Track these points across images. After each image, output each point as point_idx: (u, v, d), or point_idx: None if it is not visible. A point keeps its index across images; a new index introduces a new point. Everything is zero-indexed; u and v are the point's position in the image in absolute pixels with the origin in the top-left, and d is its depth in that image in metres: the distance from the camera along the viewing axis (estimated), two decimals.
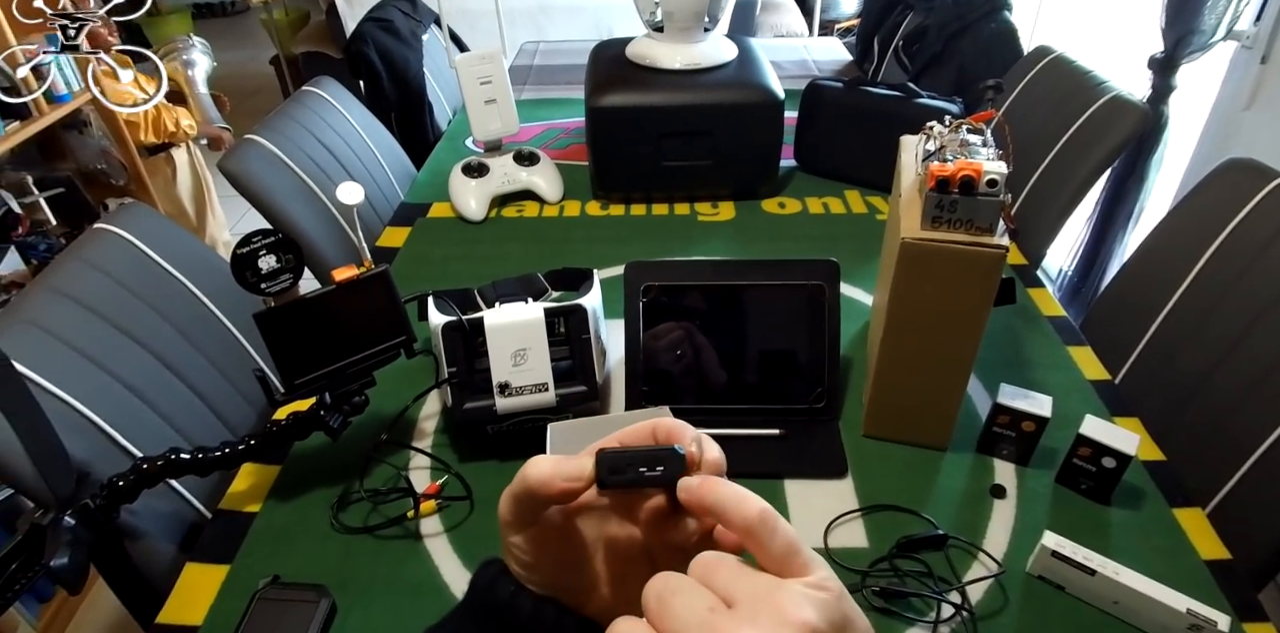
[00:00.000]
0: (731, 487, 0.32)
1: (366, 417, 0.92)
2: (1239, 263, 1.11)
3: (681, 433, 0.36)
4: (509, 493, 0.37)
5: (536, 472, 0.35)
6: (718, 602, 0.29)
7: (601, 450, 0.35)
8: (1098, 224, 2.16)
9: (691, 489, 0.33)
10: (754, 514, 0.30)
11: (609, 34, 3.45)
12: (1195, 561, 0.83)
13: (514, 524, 0.37)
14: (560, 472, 0.35)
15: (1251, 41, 1.86)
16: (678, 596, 0.29)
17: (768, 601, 0.28)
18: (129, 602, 0.91)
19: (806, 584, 0.29)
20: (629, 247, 1.39)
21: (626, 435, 0.37)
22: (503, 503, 0.37)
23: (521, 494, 0.36)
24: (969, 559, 0.83)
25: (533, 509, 0.37)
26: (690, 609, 0.28)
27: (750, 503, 0.31)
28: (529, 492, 0.35)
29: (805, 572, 0.29)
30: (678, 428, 0.36)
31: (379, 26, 2.24)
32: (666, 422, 0.37)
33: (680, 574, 0.30)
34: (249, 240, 0.80)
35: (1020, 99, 1.69)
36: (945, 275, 0.82)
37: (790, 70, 2.23)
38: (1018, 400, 0.91)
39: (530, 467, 0.36)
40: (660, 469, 0.34)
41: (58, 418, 0.84)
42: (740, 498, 0.31)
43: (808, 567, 0.30)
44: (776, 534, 0.30)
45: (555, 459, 0.35)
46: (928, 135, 0.91)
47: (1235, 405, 1.03)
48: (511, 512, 0.37)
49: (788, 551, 0.30)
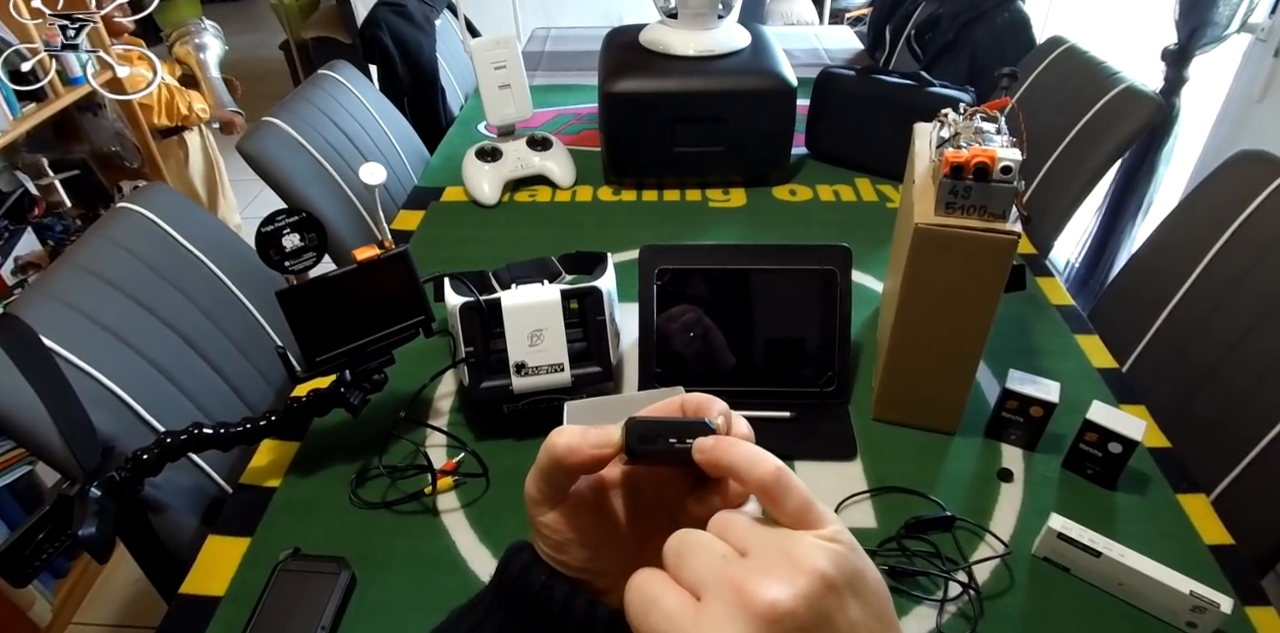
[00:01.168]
0: (746, 447, 0.32)
1: (385, 395, 0.94)
2: (1249, 255, 1.12)
3: (710, 406, 0.36)
4: (535, 470, 0.36)
5: (565, 439, 0.35)
6: (732, 552, 0.30)
7: (631, 418, 0.35)
8: (1107, 215, 2.16)
9: (706, 450, 0.33)
10: (769, 473, 0.31)
11: (619, 20, 3.43)
12: (1199, 545, 0.84)
13: (544, 502, 0.37)
14: (588, 439, 0.35)
15: (1266, 34, 1.86)
16: (694, 548, 0.30)
17: (781, 549, 0.29)
18: (152, 573, 0.93)
19: (819, 535, 0.30)
20: (641, 232, 1.40)
21: (656, 411, 0.37)
22: (529, 482, 0.37)
23: (549, 466, 0.36)
24: (976, 541, 0.84)
25: (561, 482, 0.36)
26: (704, 561, 0.30)
27: (765, 462, 0.31)
28: (556, 461, 0.35)
29: (820, 525, 0.30)
30: (706, 401, 0.36)
31: (392, 11, 2.24)
32: (695, 396, 0.37)
33: (699, 530, 0.31)
34: (273, 219, 0.81)
35: (1032, 89, 1.69)
36: (958, 261, 0.83)
37: (802, 59, 2.23)
38: (1026, 386, 0.92)
39: (556, 435, 0.35)
40: (690, 442, 0.34)
41: (84, 392, 0.86)
42: (754, 458, 0.32)
43: (821, 520, 0.31)
44: (790, 492, 0.31)
45: (580, 428, 0.35)
46: (942, 122, 0.92)
47: (1242, 396, 1.04)
48: (539, 488, 0.37)
49: (802, 506, 0.31)
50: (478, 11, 3.00)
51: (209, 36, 2.73)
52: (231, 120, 2.68)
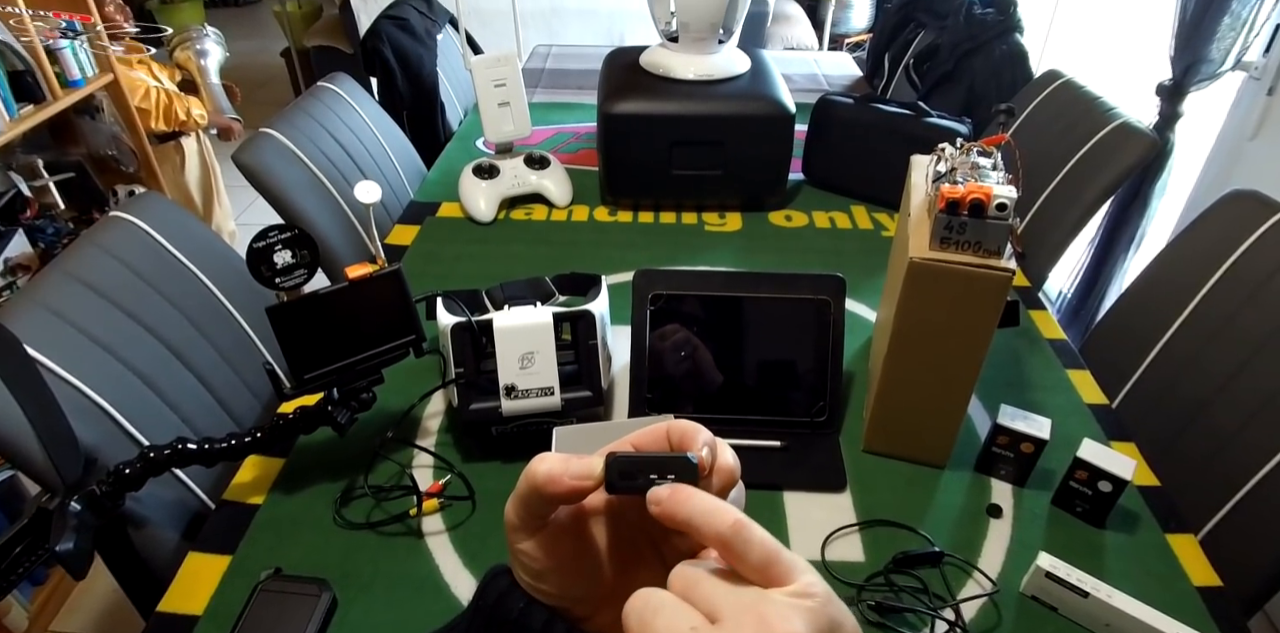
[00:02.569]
0: (701, 499, 0.31)
1: (372, 414, 0.93)
2: (1240, 294, 1.13)
3: (695, 437, 0.34)
4: (515, 496, 0.35)
5: (545, 468, 0.33)
6: (700, 619, 0.28)
7: (612, 454, 0.34)
8: (1099, 248, 2.17)
9: (661, 502, 0.31)
10: (726, 527, 0.29)
11: (620, 39, 3.47)
12: (1187, 586, 0.84)
13: (522, 529, 0.36)
14: (569, 469, 0.33)
15: (1260, 73, 1.88)
16: (659, 615, 0.28)
17: (751, 614, 0.27)
18: (130, 589, 0.91)
19: (789, 593, 0.28)
20: (636, 253, 1.40)
21: (641, 438, 0.36)
22: (509, 508, 0.36)
23: (528, 493, 0.34)
24: (964, 577, 0.84)
25: (540, 510, 0.35)
26: (672, 630, 0.28)
27: (721, 516, 0.29)
28: (535, 489, 0.34)
29: (787, 579, 0.29)
30: (691, 431, 0.35)
31: (395, 24, 2.25)
32: (680, 424, 0.35)
33: (661, 591, 0.30)
34: (265, 235, 0.81)
35: (1029, 121, 1.71)
36: (951, 296, 0.83)
37: (801, 83, 2.24)
38: (1018, 422, 0.92)
39: (537, 463, 0.34)
40: (670, 478, 0.33)
41: (67, 403, 0.85)
42: (710, 511, 0.30)
43: (789, 574, 0.29)
44: (751, 545, 0.29)
45: (562, 456, 0.34)
46: (939, 156, 0.93)
47: (1231, 435, 1.04)
48: (518, 515, 0.35)
49: (766, 560, 0.29)
50: (480, 26, 3.02)
51: (210, 43, 2.73)
52: (229, 127, 2.68)
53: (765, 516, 0.91)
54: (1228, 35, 1.81)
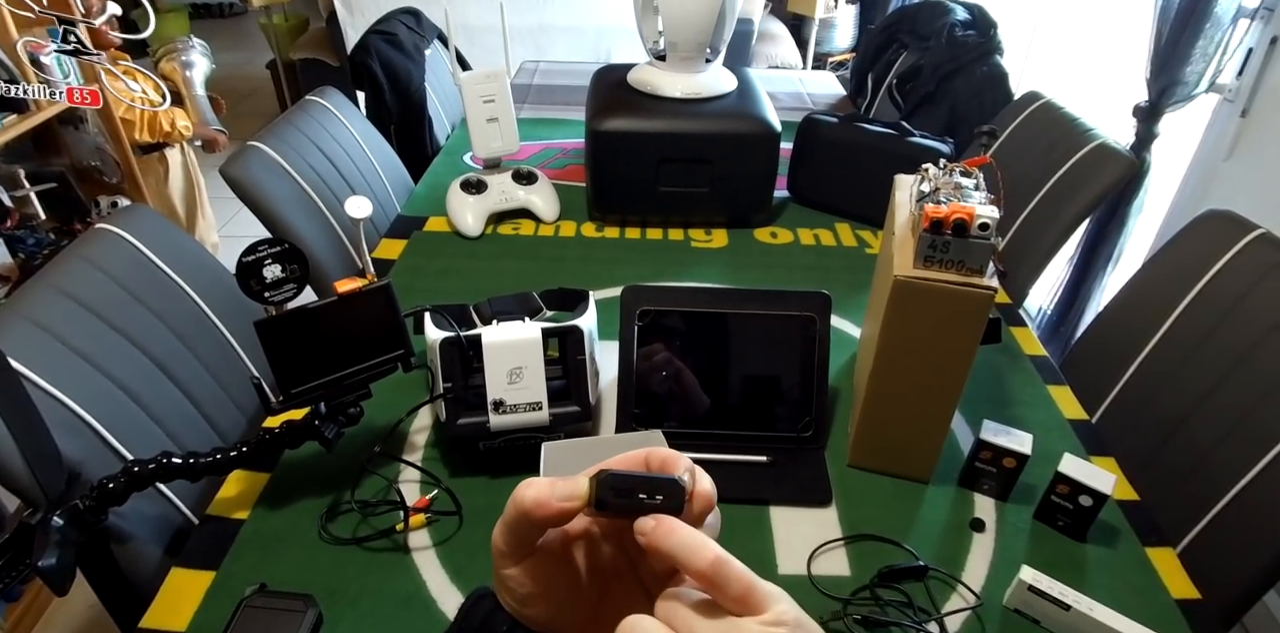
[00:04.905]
0: (685, 533, 0.32)
1: (359, 428, 0.93)
2: (1215, 312, 1.15)
3: (676, 463, 0.36)
4: (502, 522, 0.36)
5: (533, 493, 0.34)
6: None
7: (603, 471, 0.35)
8: (1078, 265, 2.21)
9: (647, 532, 0.33)
10: (706, 564, 0.31)
11: (608, 56, 3.49)
12: (1166, 599, 0.85)
13: (510, 555, 0.36)
14: (556, 492, 0.34)
15: (1233, 95, 1.93)
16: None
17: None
18: (111, 605, 0.90)
19: (763, 622, 0.30)
20: (623, 269, 1.41)
21: (620, 463, 0.37)
22: (496, 534, 0.36)
23: (516, 519, 0.35)
24: (948, 591, 0.85)
25: (528, 536, 0.36)
26: None
27: (702, 552, 0.31)
28: (524, 514, 0.34)
29: (762, 608, 0.31)
30: (673, 458, 0.36)
31: (383, 39, 2.26)
32: (661, 451, 0.37)
33: (648, 618, 0.31)
34: (255, 249, 0.81)
35: (1009, 142, 1.74)
36: (935, 314, 0.85)
37: (785, 102, 2.27)
38: (1000, 437, 0.93)
39: (524, 488, 0.34)
40: (659, 498, 0.34)
41: (51, 416, 0.84)
42: (693, 547, 0.32)
43: (764, 603, 0.31)
44: (730, 580, 0.31)
45: (549, 480, 0.35)
46: (922, 176, 0.94)
47: (1208, 450, 1.06)
48: (506, 541, 0.36)
49: (743, 592, 0.31)
50: (468, 42, 3.02)
51: (196, 54, 2.73)
52: (214, 138, 2.67)
53: (752, 530, 0.91)
54: (1202, 58, 1.86)
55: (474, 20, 3.06)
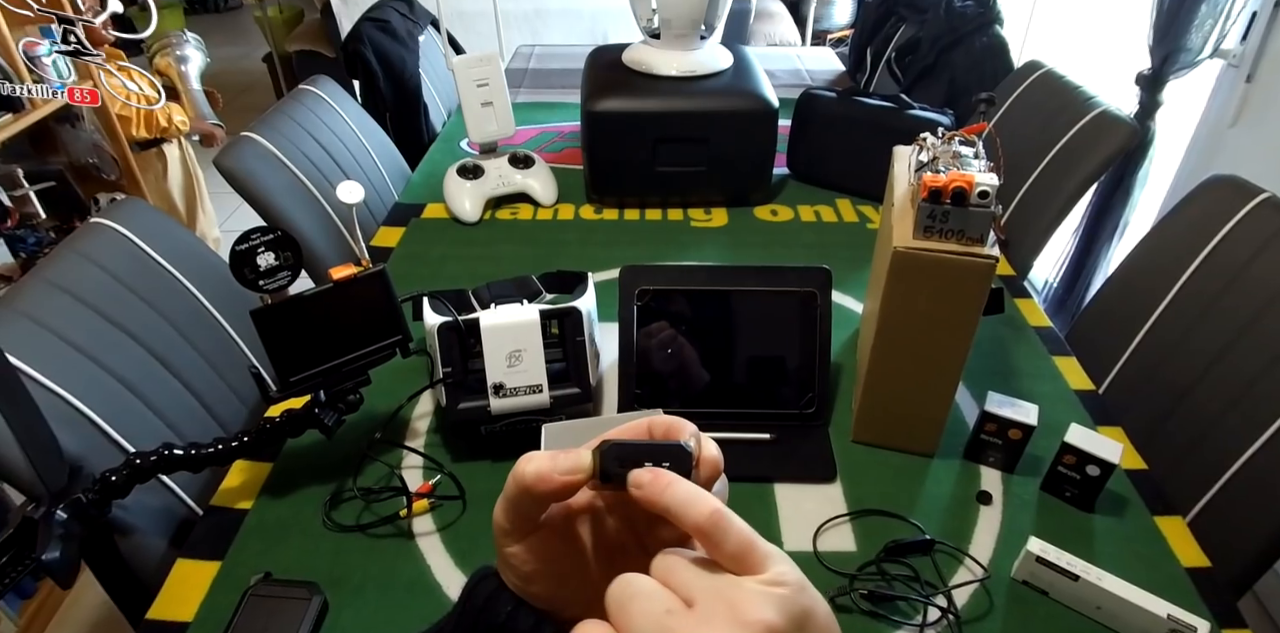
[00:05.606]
0: (682, 487, 0.31)
1: (360, 415, 0.93)
2: (1221, 279, 1.13)
3: (681, 429, 0.35)
4: (504, 499, 0.35)
5: (534, 467, 0.33)
6: (676, 603, 0.28)
7: (605, 441, 0.33)
8: (1083, 237, 2.19)
9: (644, 486, 0.31)
10: (704, 516, 0.30)
11: (604, 38, 3.46)
12: (1176, 568, 0.84)
13: (512, 533, 0.36)
14: (558, 465, 0.33)
15: (1238, 60, 1.90)
16: (636, 599, 0.29)
17: (725, 600, 0.28)
18: (118, 597, 0.91)
19: (762, 581, 0.29)
20: (622, 251, 1.40)
21: (622, 433, 0.35)
22: (497, 511, 0.35)
23: (517, 495, 0.34)
24: (955, 564, 0.84)
25: (530, 512, 0.35)
26: (648, 612, 0.28)
27: (699, 505, 0.30)
28: (525, 490, 0.33)
29: (762, 568, 0.29)
30: (677, 424, 0.35)
31: (376, 26, 2.24)
32: (664, 418, 0.36)
33: (642, 575, 0.30)
34: (248, 237, 0.81)
35: (1010, 112, 1.72)
36: (936, 284, 0.83)
37: (784, 79, 2.25)
38: (1005, 409, 0.92)
39: (524, 462, 0.34)
40: (665, 465, 0.32)
41: (51, 411, 0.84)
42: (690, 500, 0.30)
43: (764, 562, 0.29)
44: (729, 534, 0.30)
45: (549, 453, 0.34)
46: (921, 146, 0.93)
47: (1216, 418, 1.05)
48: (508, 518, 0.35)
49: (742, 549, 0.30)
50: (463, 28, 3.01)
51: (190, 48, 2.71)
52: (212, 133, 2.66)
53: (756, 508, 0.91)
54: (1205, 23, 1.82)
55: (468, 6, 3.04)
